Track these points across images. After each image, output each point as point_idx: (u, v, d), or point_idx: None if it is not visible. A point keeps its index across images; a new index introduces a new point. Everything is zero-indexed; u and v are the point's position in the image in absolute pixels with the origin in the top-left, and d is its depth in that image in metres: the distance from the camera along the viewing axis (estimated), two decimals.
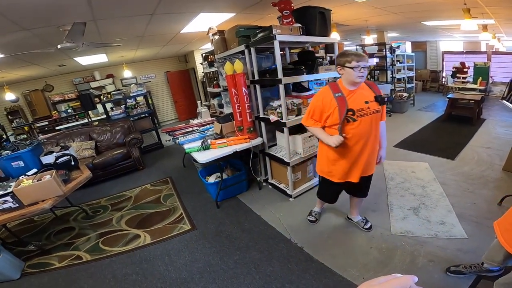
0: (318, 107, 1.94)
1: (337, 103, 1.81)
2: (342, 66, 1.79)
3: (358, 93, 1.83)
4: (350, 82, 1.81)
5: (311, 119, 2.02)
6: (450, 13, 4.17)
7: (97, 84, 7.93)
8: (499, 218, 1.43)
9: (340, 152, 1.96)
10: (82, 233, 3.03)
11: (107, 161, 4.46)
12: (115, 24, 3.53)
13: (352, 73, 1.74)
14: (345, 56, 1.77)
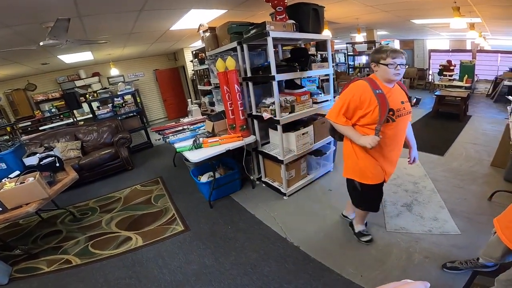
0: (353, 103, 1.73)
1: (377, 101, 1.64)
2: (377, 63, 1.67)
3: (395, 92, 1.71)
4: (386, 80, 1.68)
5: (343, 116, 1.80)
6: (438, 11, 4.23)
7: (83, 83, 7.68)
8: (499, 215, 1.42)
9: (374, 152, 1.81)
10: (70, 236, 2.92)
11: (94, 161, 4.32)
12: (101, 20, 3.40)
13: (387, 70, 1.62)
14: (380, 52, 1.65)
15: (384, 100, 1.63)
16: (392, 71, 1.60)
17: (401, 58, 1.61)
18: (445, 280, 1.84)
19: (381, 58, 1.63)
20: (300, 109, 3.01)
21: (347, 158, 2.01)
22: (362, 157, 1.88)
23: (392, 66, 1.59)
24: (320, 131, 3.31)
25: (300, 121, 3.26)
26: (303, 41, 3.42)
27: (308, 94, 3.12)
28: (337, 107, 1.82)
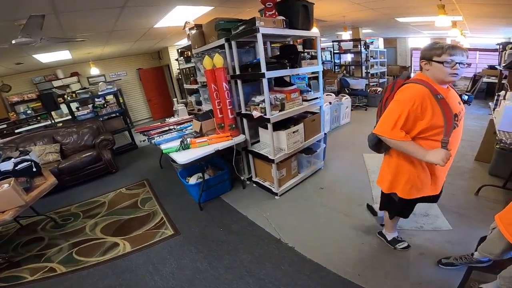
0: (414, 112, 1.40)
1: (441, 108, 1.36)
2: (429, 60, 1.40)
3: (451, 93, 1.46)
4: (439, 81, 1.41)
5: (400, 130, 1.44)
6: (423, 9, 4.31)
7: (61, 83, 7.34)
8: (501, 212, 1.41)
9: (431, 166, 1.56)
10: (52, 243, 2.75)
11: (75, 165, 4.11)
12: (80, 17, 3.23)
13: (442, 69, 1.34)
14: (435, 49, 1.37)
15: (447, 107, 1.36)
16: (448, 70, 1.33)
17: (461, 56, 1.33)
18: (442, 276, 1.84)
19: (435, 54, 1.36)
20: (290, 107, 2.97)
21: (396, 173, 1.72)
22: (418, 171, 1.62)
23: (448, 65, 1.32)
24: (311, 129, 3.28)
25: (290, 119, 3.22)
26: (292, 38, 3.38)
27: (298, 91, 3.08)
28: (391, 119, 1.46)
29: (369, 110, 7.07)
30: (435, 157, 1.38)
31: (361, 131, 5.37)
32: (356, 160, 3.94)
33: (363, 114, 6.77)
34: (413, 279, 1.85)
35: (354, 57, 7.83)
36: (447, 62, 1.32)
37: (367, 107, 7.25)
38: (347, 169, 3.68)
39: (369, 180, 3.33)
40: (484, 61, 8.27)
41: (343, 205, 2.83)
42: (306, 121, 3.19)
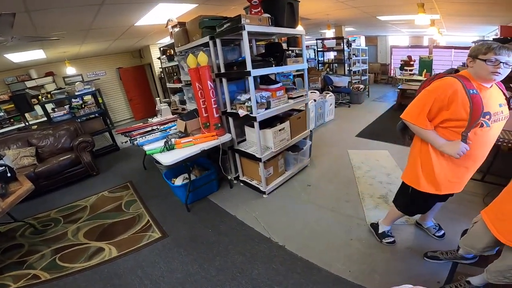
0: (439, 102, 1.44)
1: (470, 102, 1.36)
2: (474, 58, 1.39)
3: (492, 93, 1.44)
4: (481, 79, 1.40)
5: (425, 119, 1.50)
6: (403, 8, 4.43)
7: (34, 83, 6.96)
8: (487, 207, 1.43)
9: (455, 160, 1.53)
10: (33, 249, 2.62)
11: (52, 168, 3.91)
12: (54, 15, 3.07)
13: (484, 67, 1.34)
14: (482, 46, 1.36)
15: (479, 103, 1.36)
16: (490, 68, 1.33)
17: (507, 56, 1.30)
18: (429, 270, 1.88)
19: (480, 52, 1.36)
20: (276, 105, 2.96)
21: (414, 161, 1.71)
22: (440, 163, 1.60)
23: (491, 63, 1.32)
24: (297, 126, 3.29)
25: (276, 117, 3.21)
26: (278, 36, 3.37)
27: (284, 89, 3.08)
28: (418, 106, 1.52)
29: (352, 107, 7.21)
30: (451, 149, 1.45)
31: (345, 128, 5.48)
32: (341, 157, 4.00)
33: (346, 111, 6.89)
34: (402, 273, 1.89)
35: (337, 55, 7.95)
36: (490, 61, 1.32)
37: (350, 104, 7.38)
38: (333, 166, 3.73)
39: (355, 176, 3.39)
40: (459, 59, 8.62)
41: (330, 202, 2.86)
42: (292, 118, 3.19)
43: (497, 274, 1.36)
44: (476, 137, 1.44)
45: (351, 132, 5.11)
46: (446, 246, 2.01)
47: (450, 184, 1.64)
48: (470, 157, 1.52)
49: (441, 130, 1.52)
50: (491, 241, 1.39)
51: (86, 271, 2.24)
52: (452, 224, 2.28)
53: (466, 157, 1.50)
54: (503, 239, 1.27)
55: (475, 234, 1.53)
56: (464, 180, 1.64)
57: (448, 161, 1.57)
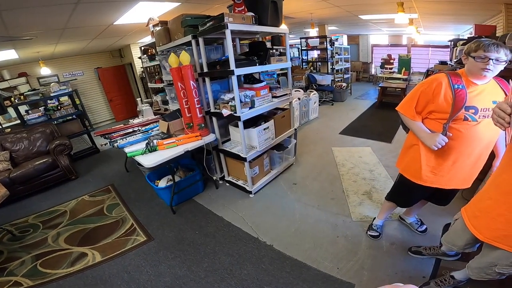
0: (426, 95, 1.54)
1: (452, 95, 1.43)
2: (467, 55, 1.44)
3: (486, 90, 1.46)
4: (473, 75, 1.45)
5: (413, 109, 1.61)
6: (383, 7, 4.53)
7: (7, 85, 6.60)
8: (466, 204, 1.43)
9: (440, 153, 1.58)
10: (13, 256, 2.51)
11: (28, 173, 3.71)
12: (26, 14, 2.91)
13: (474, 64, 1.39)
14: (474, 43, 1.41)
15: (462, 96, 1.41)
16: (479, 65, 1.37)
17: (496, 53, 1.33)
18: (415, 265, 1.92)
19: (472, 50, 1.41)
20: (260, 104, 2.95)
21: (406, 149, 1.83)
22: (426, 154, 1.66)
23: (479, 60, 1.36)
24: (281, 125, 3.29)
25: (260, 116, 3.20)
26: (261, 35, 3.35)
27: (268, 88, 3.07)
28: (408, 99, 1.66)
29: (336, 105, 7.32)
30: (429, 140, 1.53)
31: (329, 125, 5.55)
32: (326, 154, 4.05)
33: (330, 109, 6.98)
34: (388, 268, 1.92)
35: (320, 53, 8.03)
36: (480, 57, 1.36)
37: (333, 102, 7.49)
38: (318, 164, 3.76)
39: (339, 173, 3.44)
40: (436, 57, 8.94)
41: (316, 200, 2.89)
42: (276, 117, 3.19)
43: (478, 270, 1.38)
44: (461, 131, 1.48)
45: (334, 130, 5.18)
46: (429, 241, 2.07)
47: (434, 176, 1.67)
48: (455, 151, 1.55)
49: (429, 121, 1.61)
50: (471, 238, 1.39)
51: (69, 277, 2.17)
52: (434, 217, 2.34)
53: (450, 150, 1.55)
54: (480, 236, 1.27)
55: (455, 231, 1.54)
56: (450, 175, 1.65)
57: (434, 153, 1.61)
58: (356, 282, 1.83)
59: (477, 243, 1.45)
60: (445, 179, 1.67)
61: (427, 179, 1.70)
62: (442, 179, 1.67)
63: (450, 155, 1.58)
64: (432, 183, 1.70)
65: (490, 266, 1.29)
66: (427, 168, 1.68)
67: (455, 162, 1.60)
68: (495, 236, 1.21)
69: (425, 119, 1.63)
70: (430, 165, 1.67)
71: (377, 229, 2.26)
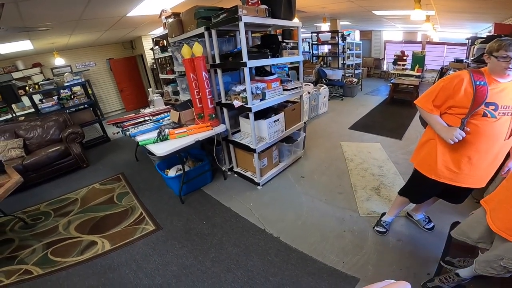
0: (446, 90, 1.56)
1: (473, 91, 1.45)
2: (489, 55, 1.46)
3: (507, 88, 1.46)
4: (496, 74, 1.46)
5: (430, 103, 1.63)
6: (399, 3, 4.42)
7: (21, 75, 6.76)
8: (487, 196, 1.43)
9: (456, 148, 1.59)
10: (24, 244, 2.56)
11: (41, 160, 3.81)
12: (43, 6, 2.94)
13: (497, 63, 1.41)
14: (495, 43, 1.43)
15: (483, 92, 1.44)
16: (502, 64, 1.39)
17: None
18: (419, 261, 1.92)
19: (494, 49, 1.43)
20: (271, 96, 2.94)
21: (422, 144, 1.83)
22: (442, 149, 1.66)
23: (502, 59, 1.38)
24: (291, 118, 3.29)
25: (271, 108, 3.20)
26: (274, 28, 3.33)
27: (279, 81, 3.06)
28: (427, 93, 1.68)
29: (345, 100, 7.24)
30: (446, 133, 1.54)
31: (338, 120, 5.50)
32: (335, 149, 4.03)
33: (339, 104, 6.91)
34: (394, 264, 1.92)
35: (331, 48, 7.93)
36: (502, 57, 1.38)
37: (343, 97, 7.41)
38: (326, 158, 3.75)
39: (347, 168, 3.42)
40: (451, 55, 8.72)
41: (324, 194, 2.89)
42: (286, 110, 3.18)
43: (485, 264, 1.37)
44: (480, 127, 1.48)
45: (344, 125, 5.13)
46: (436, 239, 2.07)
47: (449, 172, 1.66)
48: (472, 147, 1.54)
49: (448, 116, 1.61)
50: (485, 231, 1.39)
51: (79, 265, 2.21)
52: (442, 215, 2.32)
53: (467, 145, 1.54)
54: (493, 226, 1.29)
55: (471, 222, 1.53)
56: (466, 172, 1.62)
57: (450, 148, 1.61)
58: (361, 277, 1.84)
59: (491, 238, 1.42)
60: (460, 176, 1.64)
61: (442, 174, 1.68)
62: (457, 176, 1.65)
63: (466, 151, 1.57)
64: (446, 179, 1.68)
65: (497, 260, 1.29)
66: (443, 164, 1.67)
67: (471, 158, 1.57)
68: (507, 227, 1.22)
69: (444, 114, 1.63)
70: (445, 160, 1.66)
71: (386, 225, 2.26)
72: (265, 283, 1.86)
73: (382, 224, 2.27)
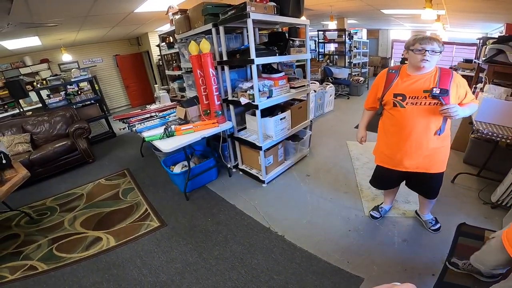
0: (375, 85, 1.86)
1: (385, 79, 1.74)
2: (407, 50, 1.62)
3: (419, 80, 1.62)
4: (413, 66, 1.63)
5: (367, 102, 2.01)
6: (408, 2, 4.34)
7: (29, 70, 6.85)
8: (508, 228, 1.35)
9: (387, 135, 1.87)
10: (29, 240, 2.57)
11: (48, 155, 3.84)
12: (52, 1, 2.95)
13: (414, 56, 1.56)
14: (411, 38, 1.60)
15: (390, 77, 1.70)
16: (418, 56, 1.53)
17: (430, 45, 1.50)
18: (425, 262, 1.88)
19: (410, 44, 1.58)
20: (278, 93, 2.92)
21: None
22: (380, 136, 1.96)
23: (418, 52, 1.53)
24: (297, 116, 3.27)
25: (277, 106, 3.18)
26: (281, 25, 3.31)
27: (286, 78, 3.04)
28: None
29: (352, 99, 7.17)
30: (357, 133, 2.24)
31: (344, 119, 5.45)
32: (340, 147, 3.99)
33: (345, 103, 6.86)
34: (398, 265, 1.90)
35: (338, 46, 7.86)
36: (418, 50, 1.53)
37: (349, 96, 7.35)
38: (332, 156, 3.72)
39: (353, 167, 3.38)
40: (460, 55, 8.59)
41: (329, 192, 2.86)
42: (293, 108, 3.16)
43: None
44: (394, 116, 1.73)
45: (350, 124, 5.09)
46: (441, 241, 2.04)
47: (385, 157, 1.93)
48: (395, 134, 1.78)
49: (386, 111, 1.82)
50: (504, 259, 1.35)
51: (84, 261, 2.21)
52: (448, 217, 2.29)
53: (392, 133, 1.81)
54: None
55: (488, 250, 1.49)
56: (398, 157, 1.83)
57: (383, 135, 1.91)
58: (365, 277, 1.82)
59: (508, 265, 1.39)
60: (394, 161, 1.87)
61: (380, 159, 1.99)
62: (392, 160, 1.88)
63: (392, 137, 1.82)
64: (384, 163, 1.96)
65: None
66: (380, 150, 1.97)
67: (397, 143, 1.79)
68: None
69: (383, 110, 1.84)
70: (381, 146, 1.96)
71: (381, 211, 2.40)
72: (269, 281, 1.85)
73: (379, 210, 2.40)
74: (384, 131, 1.89)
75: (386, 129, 1.86)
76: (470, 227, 2.17)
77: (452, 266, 1.81)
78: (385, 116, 1.84)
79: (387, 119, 1.81)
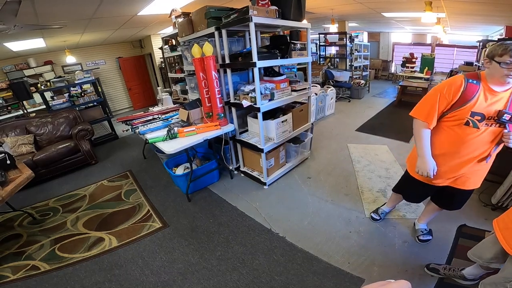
0: (442, 96, 1.44)
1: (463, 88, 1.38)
2: (491, 59, 1.33)
3: (500, 98, 1.36)
4: (494, 81, 1.34)
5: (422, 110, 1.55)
6: (409, 5, 4.38)
7: (33, 72, 6.90)
8: (499, 216, 1.37)
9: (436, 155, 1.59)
10: (32, 240, 2.59)
11: (51, 156, 3.88)
12: (57, 4, 3.00)
13: (498, 69, 1.28)
14: (499, 47, 1.28)
15: (470, 92, 1.36)
16: (504, 71, 1.26)
17: None
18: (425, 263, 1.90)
19: (496, 54, 1.28)
20: (279, 96, 2.95)
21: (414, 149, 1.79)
22: None
23: (505, 66, 1.25)
24: (298, 118, 3.29)
25: (279, 109, 3.21)
26: (283, 29, 3.34)
27: (287, 81, 3.07)
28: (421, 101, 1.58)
29: (353, 102, 7.20)
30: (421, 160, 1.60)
31: (345, 122, 5.48)
32: (341, 150, 4.01)
33: (346, 106, 6.88)
34: (399, 266, 1.92)
35: (339, 49, 7.92)
36: (506, 63, 1.25)
37: (351, 99, 7.38)
38: (333, 159, 3.74)
39: (354, 169, 3.40)
40: (461, 58, 8.61)
41: (330, 195, 2.89)
42: (294, 111, 3.19)
43: (492, 286, 1.33)
44: (460, 136, 1.46)
45: (351, 126, 5.11)
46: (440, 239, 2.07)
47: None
48: (449, 155, 1.55)
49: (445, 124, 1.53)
50: (500, 252, 1.34)
51: (86, 262, 2.23)
52: (449, 219, 2.30)
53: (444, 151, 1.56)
54: (507, 247, 1.22)
55: (485, 243, 1.48)
56: (441, 173, 1.63)
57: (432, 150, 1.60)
58: (366, 277, 1.84)
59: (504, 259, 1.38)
60: (440, 179, 1.67)
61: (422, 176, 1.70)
62: (436, 179, 1.67)
63: (445, 157, 1.58)
64: (424, 179, 1.71)
65: (504, 282, 1.25)
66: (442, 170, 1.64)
67: (448, 162, 1.58)
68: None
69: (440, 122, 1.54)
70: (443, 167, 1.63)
71: (381, 214, 2.39)
72: (271, 282, 1.87)
73: (379, 212, 2.40)
74: (434, 146, 1.59)
75: (438, 146, 1.58)
76: (471, 229, 2.20)
77: (431, 272, 1.81)
78: (441, 130, 1.55)
79: (445, 136, 1.53)
